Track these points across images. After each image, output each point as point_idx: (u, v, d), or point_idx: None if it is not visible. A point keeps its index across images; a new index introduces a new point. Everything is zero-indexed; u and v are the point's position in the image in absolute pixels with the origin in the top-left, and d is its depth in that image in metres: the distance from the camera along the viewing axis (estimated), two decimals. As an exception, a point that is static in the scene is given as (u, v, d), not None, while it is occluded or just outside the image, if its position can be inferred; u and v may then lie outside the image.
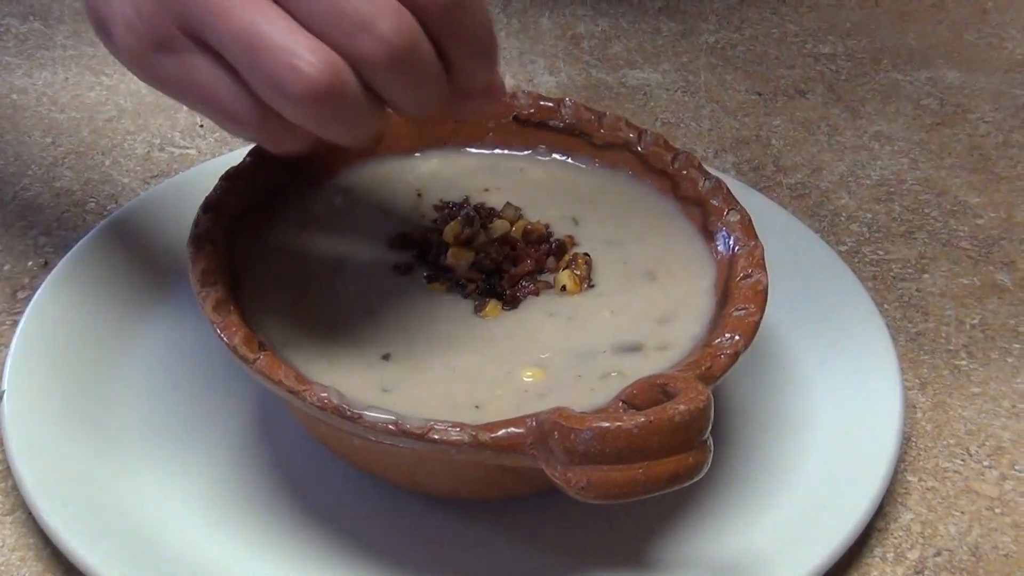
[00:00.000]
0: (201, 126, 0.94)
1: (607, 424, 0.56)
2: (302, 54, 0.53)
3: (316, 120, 0.55)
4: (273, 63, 0.53)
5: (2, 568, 0.65)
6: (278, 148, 0.58)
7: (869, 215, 0.90)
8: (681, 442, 0.56)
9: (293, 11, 0.54)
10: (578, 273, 0.69)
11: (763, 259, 0.68)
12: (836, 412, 0.73)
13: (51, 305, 0.75)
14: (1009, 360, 0.80)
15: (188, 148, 0.92)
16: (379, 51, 0.55)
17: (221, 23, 0.54)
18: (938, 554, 0.69)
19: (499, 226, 0.71)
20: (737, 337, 0.64)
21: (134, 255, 0.78)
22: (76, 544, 0.63)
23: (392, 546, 0.66)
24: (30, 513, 0.66)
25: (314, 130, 0.56)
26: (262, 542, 0.66)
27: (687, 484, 0.57)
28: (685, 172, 0.73)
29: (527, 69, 1.03)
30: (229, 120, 0.57)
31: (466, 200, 0.74)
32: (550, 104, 0.77)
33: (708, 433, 0.57)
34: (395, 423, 0.59)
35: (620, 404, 0.59)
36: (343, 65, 0.54)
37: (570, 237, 0.72)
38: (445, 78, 0.58)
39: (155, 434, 0.70)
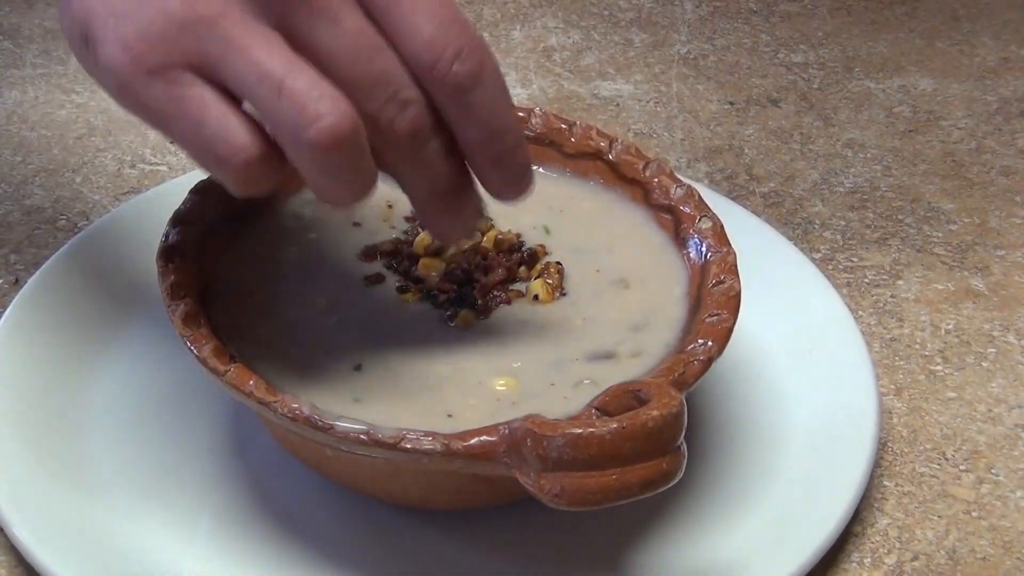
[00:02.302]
0: (172, 143, 0.94)
1: (580, 431, 0.55)
2: (326, 101, 0.54)
3: (321, 167, 0.56)
4: (300, 105, 0.54)
5: (-27, 587, 0.65)
6: (248, 190, 0.58)
7: (843, 222, 0.90)
8: (654, 448, 0.56)
9: (318, 62, 0.56)
10: (550, 282, 0.69)
11: (736, 265, 0.68)
12: (811, 418, 0.73)
13: (22, 323, 0.74)
14: (984, 365, 0.80)
15: (159, 165, 0.92)
16: (402, 121, 0.57)
17: (246, 63, 0.55)
18: (915, 558, 0.69)
19: (470, 236, 0.71)
20: (711, 343, 0.64)
21: (105, 271, 0.78)
22: (49, 561, 0.62)
23: (366, 558, 0.66)
24: (1, 530, 0.66)
25: (314, 177, 0.56)
26: (236, 557, 0.65)
27: (661, 490, 0.56)
28: (657, 180, 0.73)
29: (499, 82, 1.02)
30: (217, 152, 0.56)
31: (437, 210, 0.73)
32: (520, 114, 0.76)
33: (682, 439, 0.57)
34: (367, 433, 0.58)
35: (593, 411, 0.59)
36: (359, 121, 0.55)
37: (542, 246, 0.72)
38: (448, 163, 0.60)
39: (128, 450, 0.70)
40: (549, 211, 0.74)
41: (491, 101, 0.59)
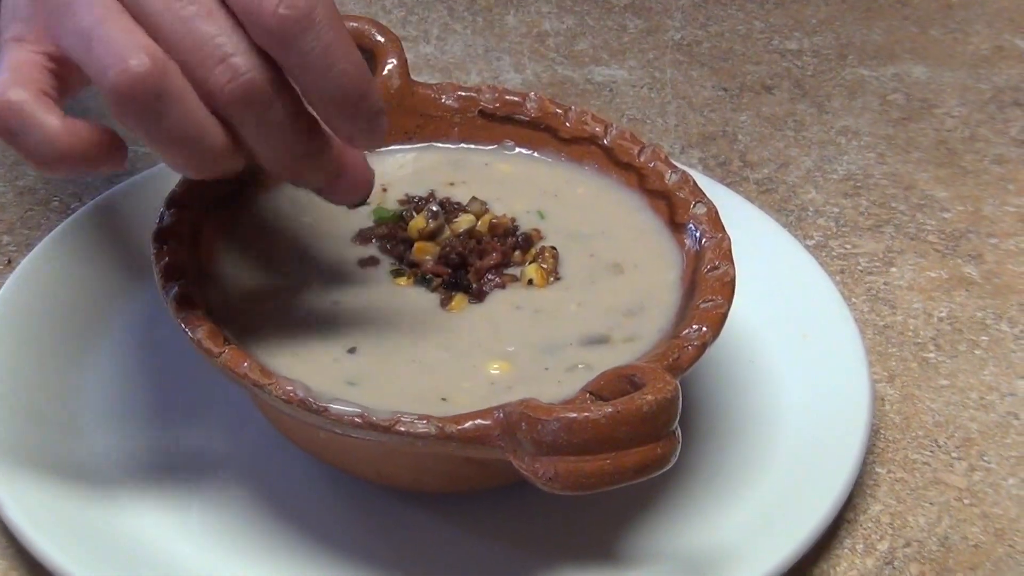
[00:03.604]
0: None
1: (575, 415, 0.55)
2: (132, 49, 0.54)
3: (128, 117, 0.55)
4: (104, 52, 0.54)
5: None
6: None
7: (836, 209, 0.90)
8: (649, 432, 0.56)
9: (147, 26, 0.56)
10: (545, 266, 0.69)
11: (730, 251, 0.68)
12: (804, 405, 0.73)
13: (14, 305, 0.74)
14: (977, 352, 0.80)
15: (152, 147, 0.92)
16: (230, 86, 0.56)
17: (70, 22, 0.56)
18: (907, 545, 0.69)
19: (465, 220, 0.71)
20: (705, 329, 0.64)
21: (98, 253, 0.78)
22: (41, 542, 0.62)
23: (359, 541, 0.66)
24: (-7, 512, 0.66)
25: (137, 130, 0.56)
26: (228, 538, 0.65)
27: (655, 475, 0.56)
28: (652, 165, 0.73)
29: (492, 67, 1.02)
30: None
31: (431, 194, 0.73)
32: (516, 98, 0.76)
33: (676, 424, 0.57)
34: (361, 416, 0.58)
35: (587, 395, 0.59)
36: (171, 70, 0.55)
37: (536, 231, 0.72)
38: (303, 129, 0.59)
39: (120, 432, 0.70)
40: (544, 196, 0.74)
41: (325, 47, 0.56)
